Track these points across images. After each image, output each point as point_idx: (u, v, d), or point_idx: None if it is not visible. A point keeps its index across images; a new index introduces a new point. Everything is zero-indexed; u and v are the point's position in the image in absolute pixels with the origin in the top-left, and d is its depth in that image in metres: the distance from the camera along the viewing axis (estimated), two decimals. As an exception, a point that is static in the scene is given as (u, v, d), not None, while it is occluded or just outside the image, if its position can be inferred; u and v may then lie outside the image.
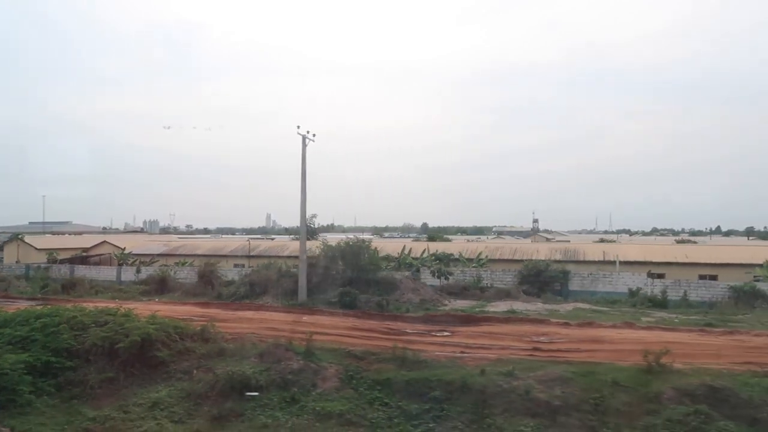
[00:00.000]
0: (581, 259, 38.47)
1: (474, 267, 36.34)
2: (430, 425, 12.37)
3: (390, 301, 24.27)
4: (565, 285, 32.72)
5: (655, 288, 31.21)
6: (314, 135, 25.79)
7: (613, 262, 37.67)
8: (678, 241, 66.29)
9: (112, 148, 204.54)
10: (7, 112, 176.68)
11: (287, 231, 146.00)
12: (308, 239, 59.06)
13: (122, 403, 13.43)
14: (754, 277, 32.23)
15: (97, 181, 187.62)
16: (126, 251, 48.55)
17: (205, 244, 53.28)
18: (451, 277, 32.02)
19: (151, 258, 45.33)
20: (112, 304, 19.95)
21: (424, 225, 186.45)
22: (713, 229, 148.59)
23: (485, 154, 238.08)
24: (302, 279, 25.35)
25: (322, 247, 28.79)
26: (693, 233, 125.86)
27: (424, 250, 39.67)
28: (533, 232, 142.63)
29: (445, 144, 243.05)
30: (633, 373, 13.51)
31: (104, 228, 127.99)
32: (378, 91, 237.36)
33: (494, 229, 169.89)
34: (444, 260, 34.29)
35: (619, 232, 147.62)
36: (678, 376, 13.37)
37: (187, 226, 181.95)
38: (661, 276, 34.96)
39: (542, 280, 32.12)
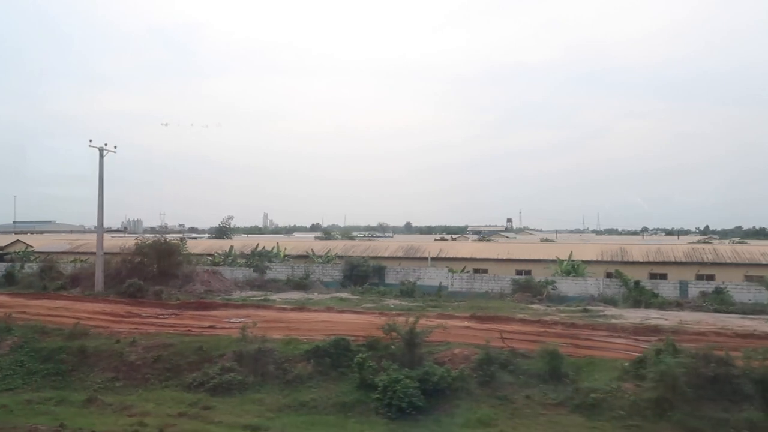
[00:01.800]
0: (418, 255, 42.22)
1: (319, 263, 40.22)
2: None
3: (175, 291, 28.02)
4: (382, 279, 36.46)
5: (454, 281, 34.99)
6: (115, 147, 29.72)
7: (446, 259, 41.50)
8: (631, 238, 69.80)
9: (109, 147, 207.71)
10: (7, 112, 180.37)
11: (286, 230, 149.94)
12: (221, 238, 62.81)
13: None
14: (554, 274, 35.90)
15: (93, 180, 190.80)
16: (35, 249, 52.51)
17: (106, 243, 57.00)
18: (269, 271, 36.00)
19: (47, 255, 49.16)
20: None
21: (408, 224, 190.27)
22: (702, 228, 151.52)
23: (484, 154, 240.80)
24: (98, 272, 29.18)
25: (137, 243, 32.45)
26: (681, 233, 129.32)
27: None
28: (507, 231, 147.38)
29: (442, 144, 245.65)
30: (228, 342, 17.29)
31: (85, 227, 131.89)
32: (375, 90, 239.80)
33: (469, 228, 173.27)
34: (263, 256, 38.10)
35: (607, 231, 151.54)
36: (271, 343, 17.11)
37: (180, 225, 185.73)
38: (484, 271, 38.77)
39: (357, 274, 35.86)
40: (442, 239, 63.67)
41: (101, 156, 29.02)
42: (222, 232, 66.35)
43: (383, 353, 15.87)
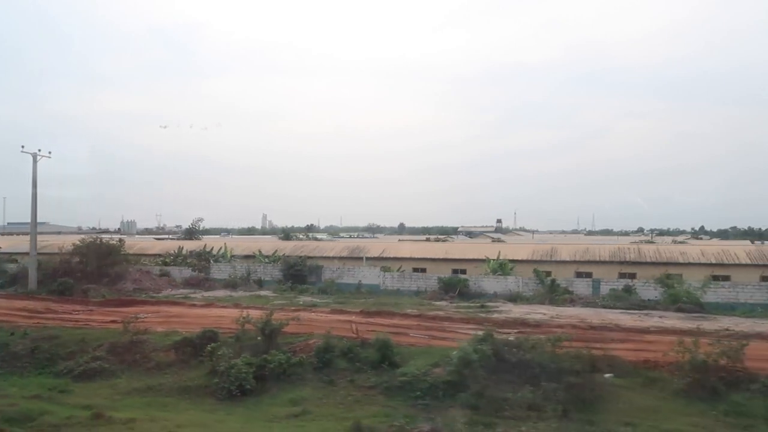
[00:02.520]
0: (361, 255, 43.64)
1: (265, 263, 41.71)
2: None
3: (105, 290, 29.53)
4: (319, 278, 37.91)
5: (386, 280, 36.44)
6: (50, 152, 31.30)
7: (389, 258, 42.95)
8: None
9: (109, 147, 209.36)
10: (7, 112, 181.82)
11: (283, 231, 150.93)
12: (188, 239, 64.13)
13: None
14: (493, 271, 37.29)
15: (92, 180, 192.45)
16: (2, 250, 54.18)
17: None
18: (218, 271, 37.53)
19: (8, 256, 50.75)
20: None
21: (401, 225, 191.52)
22: (696, 229, 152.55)
23: (484, 154, 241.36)
24: (32, 272, 30.74)
25: (74, 245, 33.97)
26: (677, 233, 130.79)
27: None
28: (503, 232, 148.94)
29: (442, 144, 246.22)
30: (113, 334, 18.76)
31: (82, 228, 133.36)
32: (375, 90, 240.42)
33: (459, 229, 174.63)
34: (204, 257, 39.62)
35: (602, 232, 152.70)
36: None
37: (177, 226, 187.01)
38: (422, 270, 40.21)
39: (294, 273, 37.33)
40: (428, 240, 65.38)
41: (34, 161, 30.51)
42: (191, 233, 67.78)
43: (246, 343, 17.33)
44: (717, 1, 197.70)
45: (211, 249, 44.49)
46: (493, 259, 37.72)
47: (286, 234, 69.74)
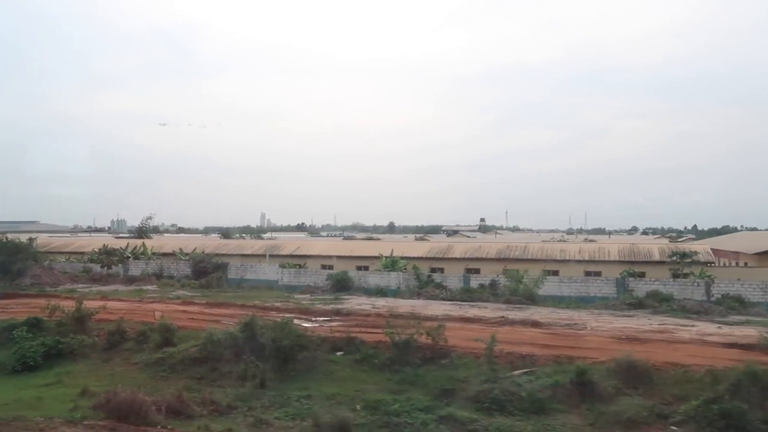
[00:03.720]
0: (278, 253, 46.03)
1: (182, 260, 44.09)
2: None
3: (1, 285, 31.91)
4: (224, 274, 40.25)
5: (284, 276, 38.78)
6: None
7: (301, 256, 45.34)
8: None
9: (109, 147, 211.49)
10: (7, 111, 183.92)
11: (283, 229, 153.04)
12: (140, 238, 66.38)
13: None
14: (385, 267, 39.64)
15: (91, 180, 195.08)
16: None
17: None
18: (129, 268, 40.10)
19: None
20: None
21: (391, 224, 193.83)
22: (689, 228, 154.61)
23: (484, 154, 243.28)
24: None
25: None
26: (672, 232, 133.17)
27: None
28: (483, 231, 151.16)
29: (442, 144, 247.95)
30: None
31: (79, 227, 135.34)
32: (375, 90, 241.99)
33: (443, 228, 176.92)
34: (112, 254, 42.03)
35: (595, 231, 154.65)
36: None
37: (173, 225, 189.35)
38: (330, 267, 42.54)
39: (200, 270, 39.68)
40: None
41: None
42: (142, 232, 70.10)
43: (62, 329, 19.70)
44: (717, 1, 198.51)
45: (136, 247, 46.87)
46: (387, 257, 40.05)
47: (225, 233, 71.84)
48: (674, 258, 34.41)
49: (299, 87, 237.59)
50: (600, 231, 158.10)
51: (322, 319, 22.20)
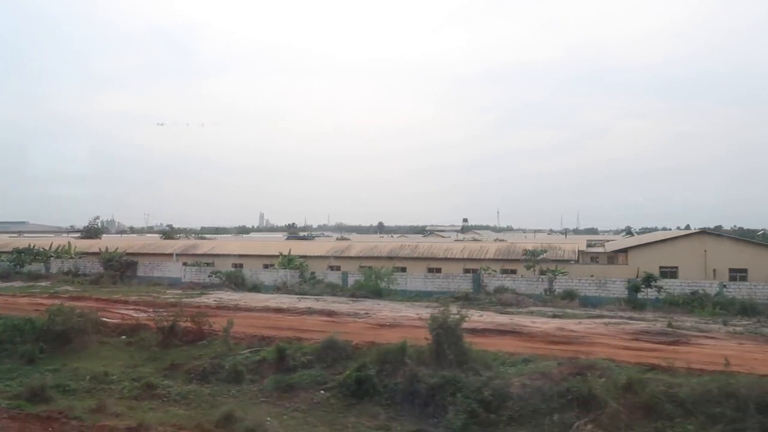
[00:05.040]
0: (194, 252, 48.66)
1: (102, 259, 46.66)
2: None
3: None
4: (134, 272, 42.89)
5: (187, 274, 41.39)
6: None
7: (215, 255, 47.95)
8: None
9: (109, 147, 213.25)
10: (7, 111, 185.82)
11: (281, 229, 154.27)
12: (88, 238, 68.78)
13: None
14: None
15: (91, 180, 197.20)
16: None
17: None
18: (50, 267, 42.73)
19: None
20: None
21: (380, 224, 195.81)
22: (681, 227, 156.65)
23: (484, 154, 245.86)
24: None
25: None
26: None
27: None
28: (463, 231, 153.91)
29: (442, 144, 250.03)
30: None
31: (72, 227, 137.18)
32: (375, 90, 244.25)
33: (427, 228, 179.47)
34: (23, 253, 44.63)
35: (586, 231, 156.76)
36: None
37: (168, 225, 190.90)
38: (240, 265, 45.16)
39: (110, 267, 42.28)
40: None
41: None
42: (92, 232, 72.67)
43: None
44: (717, 1, 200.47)
45: (60, 247, 49.45)
46: (285, 255, 42.67)
47: (167, 233, 74.43)
48: (526, 256, 37.02)
49: (299, 87, 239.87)
50: (592, 231, 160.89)
51: (162, 311, 24.73)
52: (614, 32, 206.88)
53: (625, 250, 39.85)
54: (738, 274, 34.40)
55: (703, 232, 35.19)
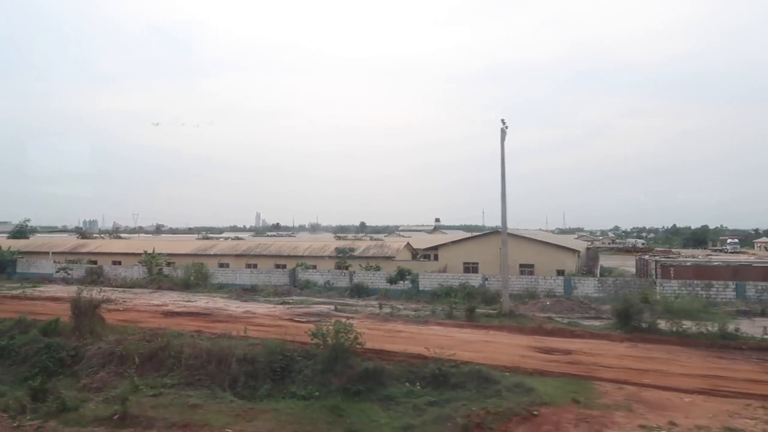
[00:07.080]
0: (83, 250, 52.79)
1: None
2: None
3: None
4: (14, 269, 46.91)
5: (58, 269, 45.48)
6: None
7: (102, 254, 52.12)
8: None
9: (108, 145, 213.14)
10: (8, 109, 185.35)
11: (275, 228, 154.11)
12: (16, 238, 72.17)
13: None
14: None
15: (90, 180, 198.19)
16: None
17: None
18: None
19: None
20: None
21: (362, 224, 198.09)
22: (668, 227, 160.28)
23: (485, 153, 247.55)
24: None
25: None
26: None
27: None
28: (435, 230, 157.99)
29: (443, 143, 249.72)
30: None
31: (64, 227, 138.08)
32: (376, 88, 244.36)
33: (400, 228, 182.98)
34: None
35: (572, 230, 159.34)
36: None
37: (159, 225, 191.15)
38: (118, 263, 49.33)
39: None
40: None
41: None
42: (22, 232, 76.48)
43: None
44: (718, 0, 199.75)
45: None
46: (147, 253, 46.80)
47: (82, 233, 78.16)
48: (339, 254, 41.30)
49: (299, 85, 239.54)
50: (578, 230, 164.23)
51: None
52: (615, 30, 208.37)
53: (436, 248, 44.05)
54: (526, 269, 38.60)
55: (496, 231, 39.33)
